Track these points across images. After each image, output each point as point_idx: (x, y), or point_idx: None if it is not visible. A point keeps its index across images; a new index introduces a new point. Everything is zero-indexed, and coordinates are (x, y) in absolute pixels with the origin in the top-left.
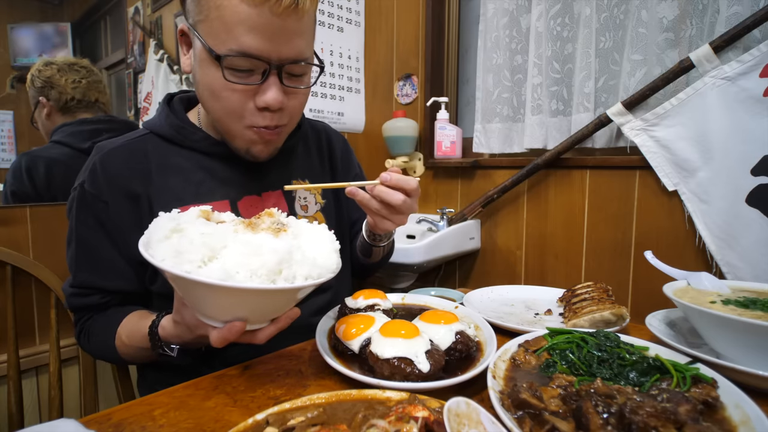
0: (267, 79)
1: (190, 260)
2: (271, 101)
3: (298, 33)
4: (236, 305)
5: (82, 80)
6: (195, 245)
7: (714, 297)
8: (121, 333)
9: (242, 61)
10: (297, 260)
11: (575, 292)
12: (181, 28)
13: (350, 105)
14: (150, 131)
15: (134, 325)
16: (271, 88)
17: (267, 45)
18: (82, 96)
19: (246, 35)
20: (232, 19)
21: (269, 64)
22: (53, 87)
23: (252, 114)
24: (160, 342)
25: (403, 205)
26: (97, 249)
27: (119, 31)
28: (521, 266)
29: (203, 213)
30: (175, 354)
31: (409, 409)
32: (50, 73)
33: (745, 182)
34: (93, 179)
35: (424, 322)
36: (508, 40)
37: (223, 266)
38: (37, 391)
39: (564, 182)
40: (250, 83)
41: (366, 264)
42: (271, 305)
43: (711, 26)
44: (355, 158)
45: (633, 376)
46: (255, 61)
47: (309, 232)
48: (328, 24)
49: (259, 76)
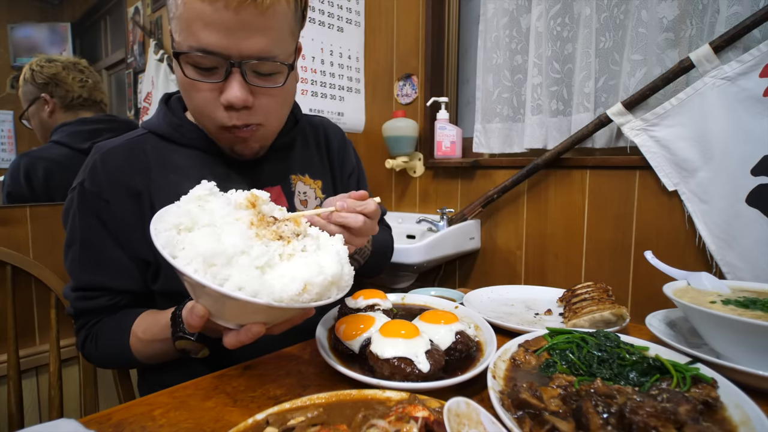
0: (228, 77)
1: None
2: (232, 99)
3: (260, 29)
4: (254, 316)
5: (88, 80)
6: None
7: (714, 297)
8: (137, 329)
9: (203, 58)
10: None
11: (575, 292)
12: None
13: (350, 105)
14: (148, 131)
15: (151, 319)
16: (233, 85)
17: (224, 41)
18: (89, 95)
19: (202, 31)
20: (190, 16)
21: (230, 61)
22: (59, 84)
23: (221, 113)
24: (182, 326)
25: (363, 228)
26: (102, 248)
27: (119, 31)
28: (521, 266)
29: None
30: (194, 338)
31: (409, 409)
32: (55, 70)
33: (745, 182)
34: (93, 177)
35: (424, 322)
36: (508, 40)
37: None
38: (37, 391)
39: (564, 182)
40: (212, 81)
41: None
42: (288, 315)
43: (711, 26)
44: (354, 151)
45: (633, 376)
46: (216, 59)
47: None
48: (328, 24)
49: (222, 73)
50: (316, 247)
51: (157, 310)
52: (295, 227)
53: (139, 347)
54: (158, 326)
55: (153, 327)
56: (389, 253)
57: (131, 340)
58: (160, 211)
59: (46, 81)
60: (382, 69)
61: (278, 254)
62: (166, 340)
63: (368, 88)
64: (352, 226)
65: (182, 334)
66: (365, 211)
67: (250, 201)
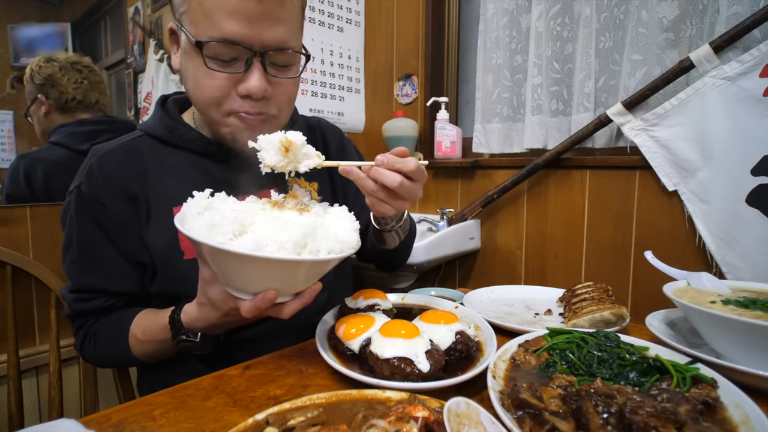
0: (250, 67)
1: (222, 233)
2: (253, 89)
3: (279, 19)
4: (266, 276)
5: (84, 80)
6: (227, 220)
7: (714, 297)
8: (135, 330)
9: (225, 48)
10: (320, 235)
11: (575, 292)
12: (170, 26)
13: (350, 105)
14: (145, 133)
15: (149, 319)
16: (254, 75)
17: (247, 30)
18: (84, 96)
19: (226, 20)
20: (213, 6)
21: (252, 51)
22: (54, 85)
23: (233, 101)
24: (183, 329)
25: (400, 188)
26: (99, 251)
27: (119, 31)
28: (521, 266)
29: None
30: (198, 339)
31: (409, 409)
32: (52, 70)
33: (745, 182)
34: (90, 181)
35: (424, 322)
36: (508, 40)
37: (254, 238)
38: (37, 391)
39: (564, 182)
40: (233, 71)
41: (384, 252)
42: (297, 276)
43: (711, 26)
44: (354, 149)
45: (633, 376)
46: (238, 49)
47: (331, 212)
48: (328, 24)
49: (243, 64)
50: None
51: (155, 309)
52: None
53: (138, 347)
54: (157, 326)
55: (152, 327)
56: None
57: (130, 341)
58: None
59: (42, 82)
60: (382, 69)
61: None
62: (166, 341)
63: (368, 88)
64: (389, 184)
65: (184, 337)
66: (404, 169)
67: (284, 145)
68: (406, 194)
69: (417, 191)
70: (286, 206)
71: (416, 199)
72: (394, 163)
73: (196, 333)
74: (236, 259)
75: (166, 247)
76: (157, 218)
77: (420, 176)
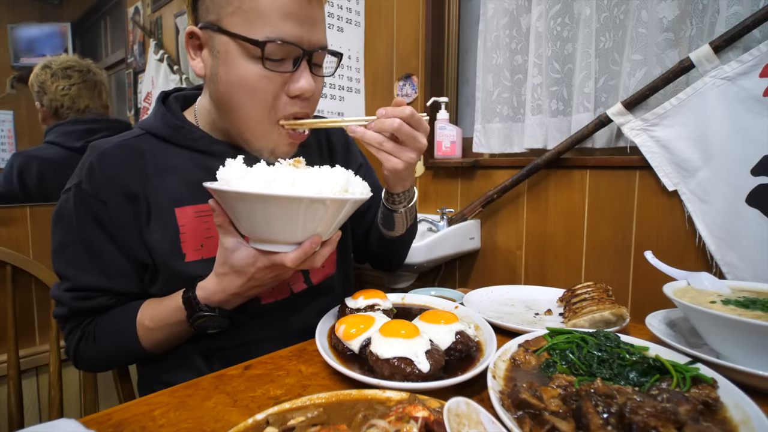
0: (299, 66)
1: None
2: (306, 87)
3: (321, 21)
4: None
5: (72, 87)
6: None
7: (714, 297)
8: (143, 318)
9: (277, 48)
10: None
11: (575, 292)
12: (190, 30)
13: (350, 105)
14: (146, 131)
15: (157, 306)
16: (305, 74)
17: (300, 31)
18: (72, 103)
19: (282, 22)
20: (268, 8)
21: (303, 51)
22: (45, 93)
23: (284, 104)
24: (199, 305)
25: (400, 132)
26: (101, 249)
27: (119, 31)
28: (521, 266)
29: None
30: (216, 312)
31: (409, 409)
32: (44, 78)
33: (745, 182)
34: (90, 178)
35: (424, 322)
36: (508, 40)
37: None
38: (37, 391)
39: (564, 182)
40: (284, 71)
41: (388, 241)
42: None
43: (711, 26)
44: (357, 149)
45: (633, 376)
46: (288, 48)
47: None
48: (328, 24)
49: (291, 63)
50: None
51: (158, 298)
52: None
53: (148, 336)
54: (168, 310)
55: (161, 312)
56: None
57: (138, 331)
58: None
59: (37, 89)
60: (382, 69)
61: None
62: (180, 323)
63: (368, 88)
64: (388, 128)
65: (202, 313)
66: (401, 115)
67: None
68: (408, 140)
69: (419, 139)
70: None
71: (421, 149)
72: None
73: (213, 308)
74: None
75: (168, 249)
76: (158, 219)
77: (415, 122)
